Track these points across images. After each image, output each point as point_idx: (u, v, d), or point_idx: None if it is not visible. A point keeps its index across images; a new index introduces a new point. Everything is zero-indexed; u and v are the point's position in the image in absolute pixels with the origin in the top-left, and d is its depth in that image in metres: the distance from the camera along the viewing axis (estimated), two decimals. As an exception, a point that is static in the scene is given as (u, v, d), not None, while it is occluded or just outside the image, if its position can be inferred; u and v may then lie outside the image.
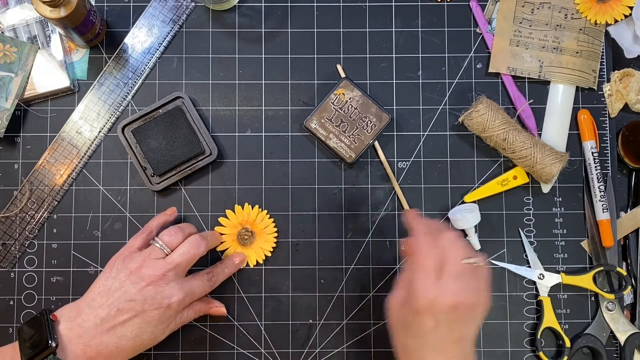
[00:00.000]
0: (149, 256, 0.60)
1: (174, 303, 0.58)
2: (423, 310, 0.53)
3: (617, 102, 0.72)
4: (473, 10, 0.74)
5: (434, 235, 0.57)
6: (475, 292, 0.55)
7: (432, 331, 0.53)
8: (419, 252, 0.55)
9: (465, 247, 0.57)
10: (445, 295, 0.53)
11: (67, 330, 0.56)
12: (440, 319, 0.53)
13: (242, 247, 0.70)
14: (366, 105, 0.70)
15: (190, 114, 0.70)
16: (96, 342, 0.56)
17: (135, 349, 0.59)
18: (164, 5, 0.73)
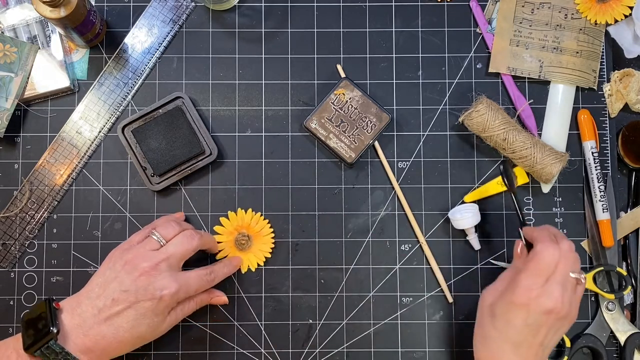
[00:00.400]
0: (144, 247, 0.60)
1: (166, 295, 0.58)
2: (519, 304, 0.55)
3: (617, 102, 0.72)
4: (473, 10, 0.74)
5: (557, 240, 0.59)
6: (570, 305, 0.57)
7: (519, 328, 0.55)
8: (541, 255, 0.57)
9: (577, 259, 0.59)
10: (546, 298, 0.55)
11: (68, 320, 0.57)
12: (531, 319, 0.55)
13: (241, 252, 0.70)
14: (366, 105, 0.70)
15: (190, 114, 0.70)
16: (94, 333, 0.56)
17: (133, 341, 0.59)
18: (164, 5, 0.73)
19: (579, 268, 0.59)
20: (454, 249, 0.71)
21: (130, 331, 0.57)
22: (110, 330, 0.57)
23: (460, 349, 0.70)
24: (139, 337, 0.59)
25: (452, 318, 0.70)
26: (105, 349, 0.57)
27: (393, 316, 0.70)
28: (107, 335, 0.56)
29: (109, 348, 0.57)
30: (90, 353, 0.56)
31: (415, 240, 0.71)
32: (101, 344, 0.57)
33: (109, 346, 0.57)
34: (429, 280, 0.70)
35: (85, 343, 0.56)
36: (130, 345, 0.59)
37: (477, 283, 0.70)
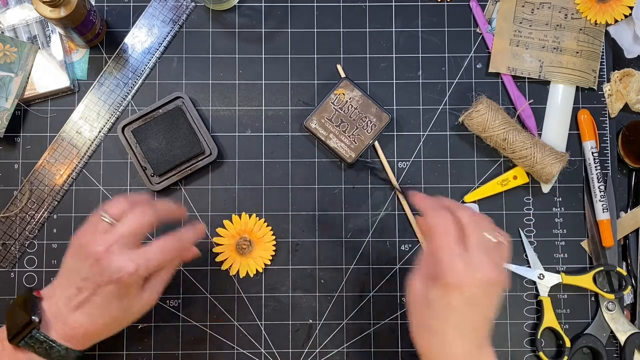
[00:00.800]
0: (95, 230, 0.57)
1: (124, 276, 0.55)
2: (451, 285, 0.51)
3: (617, 102, 0.72)
4: (473, 10, 0.74)
5: (450, 209, 0.55)
6: (498, 268, 0.53)
7: (459, 308, 0.52)
8: (437, 227, 0.53)
9: (485, 220, 0.55)
10: (474, 268, 0.51)
11: (48, 308, 0.57)
12: (467, 294, 0.51)
13: (240, 256, 0.70)
14: (366, 105, 0.70)
15: (190, 114, 0.70)
16: (71, 321, 0.56)
17: (111, 325, 0.58)
18: (164, 5, 0.73)
19: (492, 228, 0.55)
20: (454, 249, 0.71)
21: (103, 316, 0.57)
22: (84, 317, 0.56)
23: (460, 349, 0.70)
24: (115, 321, 0.58)
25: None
26: (85, 334, 0.57)
27: (393, 316, 0.70)
28: (82, 322, 0.56)
29: (89, 334, 0.57)
30: (72, 340, 0.56)
31: (415, 240, 0.71)
32: (80, 331, 0.56)
33: (88, 332, 0.57)
34: (429, 280, 0.70)
35: (65, 331, 0.56)
36: (111, 328, 0.58)
37: (477, 283, 0.70)
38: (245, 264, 0.69)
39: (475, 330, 0.53)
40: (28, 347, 0.55)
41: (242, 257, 0.69)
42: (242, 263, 0.69)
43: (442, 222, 0.53)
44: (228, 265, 0.69)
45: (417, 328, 0.55)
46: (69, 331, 0.56)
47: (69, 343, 0.56)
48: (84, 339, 0.57)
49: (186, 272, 0.70)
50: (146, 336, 0.69)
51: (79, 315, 0.56)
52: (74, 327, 0.56)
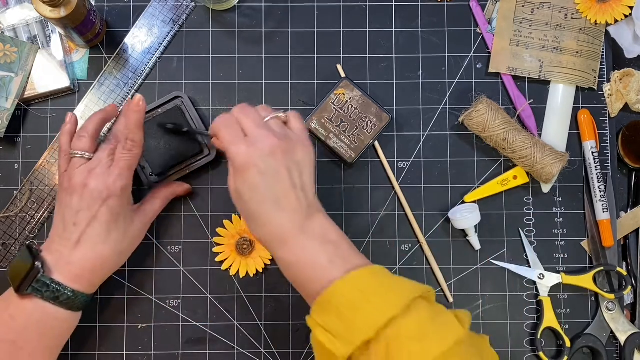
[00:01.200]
0: (73, 169, 0.60)
1: (113, 190, 0.58)
2: (243, 164, 0.53)
3: (617, 102, 0.72)
4: (473, 10, 0.74)
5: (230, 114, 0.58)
6: (288, 137, 0.55)
7: (260, 184, 0.53)
8: (219, 130, 0.56)
9: (257, 108, 0.58)
10: (258, 143, 0.54)
11: (49, 259, 0.58)
12: (262, 168, 0.53)
13: (241, 256, 0.70)
14: (366, 105, 0.70)
15: (189, 114, 0.70)
16: (75, 259, 0.57)
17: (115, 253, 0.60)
18: (164, 5, 0.73)
19: (270, 112, 0.58)
20: (454, 249, 0.71)
21: (106, 242, 0.59)
22: (87, 249, 0.58)
23: (460, 349, 0.70)
24: (117, 247, 0.60)
25: (452, 318, 0.70)
26: (92, 270, 0.58)
27: (393, 316, 0.70)
28: (87, 255, 0.58)
29: (96, 268, 0.58)
30: (80, 280, 0.58)
31: (415, 240, 0.71)
32: (87, 267, 0.58)
33: (94, 266, 0.58)
34: (429, 280, 0.70)
35: (71, 271, 0.57)
36: (115, 258, 0.60)
37: (477, 283, 0.70)
38: (245, 264, 0.69)
39: (290, 198, 0.54)
40: (36, 292, 0.56)
41: (242, 257, 0.69)
42: (242, 263, 0.69)
43: (221, 124, 0.56)
44: (228, 265, 0.69)
45: (247, 222, 0.56)
46: (74, 270, 0.57)
47: (77, 284, 0.57)
48: (92, 276, 0.58)
49: (186, 272, 0.70)
50: (146, 336, 0.69)
51: (81, 250, 0.57)
52: (80, 264, 0.57)
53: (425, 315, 0.49)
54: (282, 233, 0.53)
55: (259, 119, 0.56)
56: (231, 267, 0.69)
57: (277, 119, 0.57)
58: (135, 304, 0.70)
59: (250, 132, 0.55)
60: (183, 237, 0.71)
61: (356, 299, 0.49)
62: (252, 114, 0.56)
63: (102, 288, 0.70)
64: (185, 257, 0.70)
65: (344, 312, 0.49)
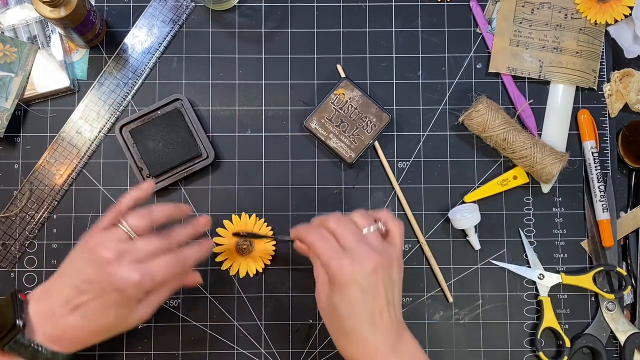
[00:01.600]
0: (109, 237, 0.56)
1: (130, 287, 0.54)
2: (345, 282, 0.53)
3: (617, 102, 0.72)
4: (473, 10, 0.74)
5: (321, 223, 0.58)
6: (387, 253, 0.55)
7: (360, 302, 0.53)
8: (314, 242, 0.56)
9: (354, 216, 0.57)
10: (360, 259, 0.53)
11: (36, 310, 0.56)
12: (364, 286, 0.53)
13: (241, 256, 0.70)
14: (366, 105, 0.70)
15: (188, 116, 0.70)
16: (62, 322, 0.55)
17: (103, 332, 0.57)
18: (164, 5, 0.73)
19: (368, 221, 0.57)
20: (454, 249, 0.71)
21: (98, 321, 0.56)
22: (78, 320, 0.55)
23: (460, 349, 0.70)
24: (108, 328, 0.57)
25: (452, 318, 0.70)
26: (74, 337, 0.56)
27: (393, 316, 0.70)
28: (75, 325, 0.55)
29: (79, 337, 0.56)
30: (60, 342, 0.55)
31: (415, 240, 0.71)
32: (70, 333, 0.56)
33: (78, 335, 0.56)
34: (429, 280, 0.70)
35: (54, 332, 0.55)
36: (101, 335, 0.57)
37: (477, 283, 0.70)
38: (245, 264, 0.69)
39: (384, 317, 0.54)
40: (13, 351, 0.54)
41: (242, 257, 0.69)
42: (242, 263, 0.69)
43: (315, 236, 0.56)
44: (228, 265, 0.69)
45: (336, 337, 0.56)
46: (58, 332, 0.55)
47: (55, 345, 0.55)
48: (72, 343, 0.56)
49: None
50: (146, 336, 0.69)
51: (73, 318, 0.55)
52: (65, 329, 0.55)
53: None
54: (374, 353, 0.54)
55: (359, 232, 0.56)
56: (231, 267, 0.69)
57: (373, 233, 0.57)
58: (135, 304, 0.70)
59: (350, 246, 0.55)
60: (183, 237, 0.71)
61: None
62: (350, 226, 0.56)
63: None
64: (185, 257, 0.70)
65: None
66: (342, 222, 0.56)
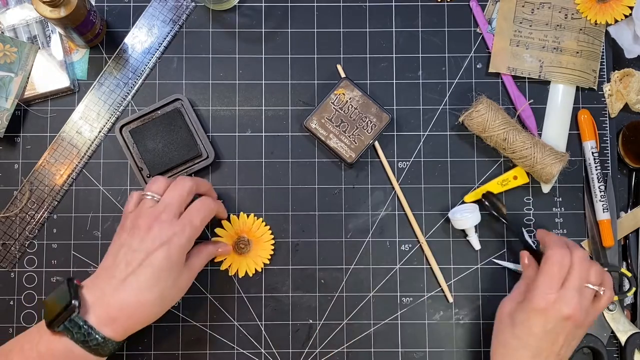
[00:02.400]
0: (142, 208, 0.59)
1: (175, 238, 0.57)
2: (538, 309, 0.57)
3: (617, 102, 0.72)
4: (473, 10, 0.74)
5: (569, 246, 0.60)
6: (587, 314, 0.58)
7: (539, 334, 0.56)
8: (554, 257, 0.58)
9: (596, 271, 0.60)
10: (564, 303, 0.56)
11: (88, 295, 0.56)
12: (550, 325, 0.56)
13: (239, 256, 0.69)
14: (366, 105, 0.70)
15: (188, 117, 0.70)
16: (115, 300, 0.55)
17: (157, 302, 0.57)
18: (164, 5, 0.73)
19: (600, 281, 0.60)
20: (454, 249, 0.71)
21: (151, 290, 0.56)
22: (130, 293, 0.55)
23: (460, 349, 0.70)
24: (161, 296, 0.57)
25: (452, 318, 0.70)
26: (130, 316, 0.56)
27: (393, 316, 0.70)
28: (128, 299, 0.55)
29: (134, 314, 0.56)
30: (114, 323, 0.55)
31: (415, 240, 0.71)
32: (125, 311, 0.55)
33: (133, 312, 0.56)
34: (429, 280, 0.70)
35: (108, 313, 0.55)
36: (156, 308, 0.57)
37: (477, 283, 0.70)
38: (245, 263, 0.69)
39: (553, 358, 0.57)
40: (67, 331, 0.53)
41: (241, 257, 0.69)
42: (241, 263, 0.69)
43: (559, 255, 0.59)
44: (227, 265, 0.69)
45: (496, 343, 0.60)
46: (111, 312, 0.55)
47: (108, 328, 0.55)
48: (127, 322, 0.56)
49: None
50: (146, 336, 0.69)
51: (125, 293, 0.55)
52: (118, 306, 0.55)
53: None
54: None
55: (584, 281, 0.58)
56: (230, 267, 0.69)
57: (592, 291, 0.59)
58: (135, 304, 0.70)
59: (568, 287, 0.57)
60: (183, 237, 0.71)
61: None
62: (584, 273, 0.59)
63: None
64: (185, 257, 0.70)
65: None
66: (583, 266, 0.59)
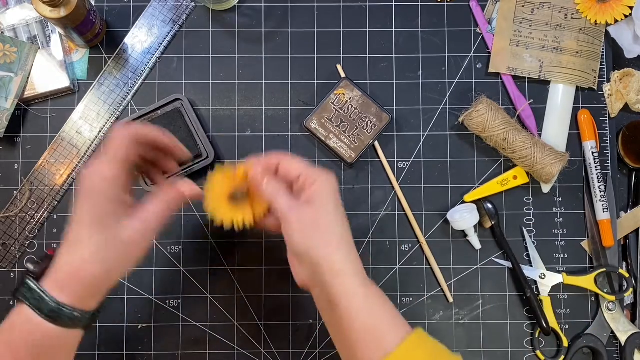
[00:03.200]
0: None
1: (94, 181, 0.51)
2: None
3: (617, 102, 0.72)
4: (473, 10, 0.74)
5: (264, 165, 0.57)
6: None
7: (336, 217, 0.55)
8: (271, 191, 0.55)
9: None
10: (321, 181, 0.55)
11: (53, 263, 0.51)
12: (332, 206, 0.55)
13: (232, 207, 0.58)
14: (366, 105, 0.70)
15: (188, 117, 0.70)
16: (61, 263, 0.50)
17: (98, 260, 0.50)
18: (164, 5, 0.73)
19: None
20: (454, 249, 0.71)
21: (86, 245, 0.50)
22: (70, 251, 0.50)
23: (460, 349, 0.70)
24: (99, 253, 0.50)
25: (452, 318, 0.70)
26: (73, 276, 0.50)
27: (393, 316, 0.70)
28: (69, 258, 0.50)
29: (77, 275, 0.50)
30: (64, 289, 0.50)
31: (415, 240, 0.71)
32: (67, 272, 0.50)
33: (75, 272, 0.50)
34: (429, 280, 0.70)
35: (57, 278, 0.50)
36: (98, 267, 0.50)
37: (477, 283, 0.70)
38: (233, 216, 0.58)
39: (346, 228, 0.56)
40: (24, 298, 0.49)
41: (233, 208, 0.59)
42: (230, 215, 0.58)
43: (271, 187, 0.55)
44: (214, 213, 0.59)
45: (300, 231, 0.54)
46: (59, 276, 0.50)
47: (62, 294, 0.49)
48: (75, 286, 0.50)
49: (186, 272, 0.70)
50: (146, 336, 0.69)
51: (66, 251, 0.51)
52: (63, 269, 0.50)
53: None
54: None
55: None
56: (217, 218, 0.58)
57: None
58: (135, 304, 0.70)
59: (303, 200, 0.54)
60: (183, 237, 0.71)
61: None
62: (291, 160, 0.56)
63: (102, 288, 0.70)
64: (185, 257, 0.70)
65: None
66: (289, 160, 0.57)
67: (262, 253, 0.71)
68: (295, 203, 0.54)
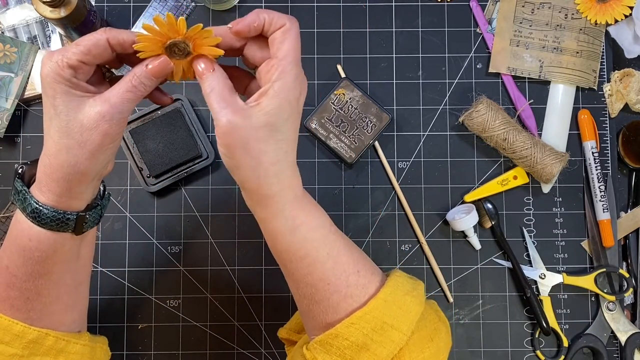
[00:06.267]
0: None
1: (51, 66, 0.46)
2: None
3: (618, 102, 0.72)
4: (473, 10, 0.74)
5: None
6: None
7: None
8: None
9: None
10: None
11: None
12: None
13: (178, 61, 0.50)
14: (366, 105, 0.70)
15: (189, 117, 0.70)
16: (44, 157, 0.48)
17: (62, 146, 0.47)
18: (164, 6, 0.73)
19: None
20: (454, 249, 0.71)
21: (49, 134, 0.47)
22: (43, 146, 0.48)
23: (460, 349, 0.70)
24: (61, 139, 0.47)
25: (452, 318, 0.70)
26: (44, 169, 0.48)
27: (393, 316, 0.70)
28: (42, 157, 0.48)
29: (46, 167, 0.47)
30: (41, 185, 0.48)
31: (415, 240, 0.71)
32: (39, 166, 0.48)
33: (44, 165, 0.47)
34: (429, 280, 0.70)
35: (37, 178, 0.48)
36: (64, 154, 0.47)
37: (477, 283, 0.70)
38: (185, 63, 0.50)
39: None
40: (15, 200, 0.48)
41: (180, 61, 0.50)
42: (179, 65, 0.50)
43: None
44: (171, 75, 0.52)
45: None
46: (43, 167, 0.48)
47: (40, 192, 0.48)
48: (47, 179, 0.48)
49: (186, 272, 0.70)
50: (146, 336, 0.69)
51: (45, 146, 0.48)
52: (38, 165, 0.48)
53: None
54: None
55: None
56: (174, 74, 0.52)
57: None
58: (135, 304, 0.70)
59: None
60: (183, 237, 0.71)
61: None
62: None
63: (102, 288, 0.70)
64: (185, 257, 0.70)
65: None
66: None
67: (262, 253, 0.71)
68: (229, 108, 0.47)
